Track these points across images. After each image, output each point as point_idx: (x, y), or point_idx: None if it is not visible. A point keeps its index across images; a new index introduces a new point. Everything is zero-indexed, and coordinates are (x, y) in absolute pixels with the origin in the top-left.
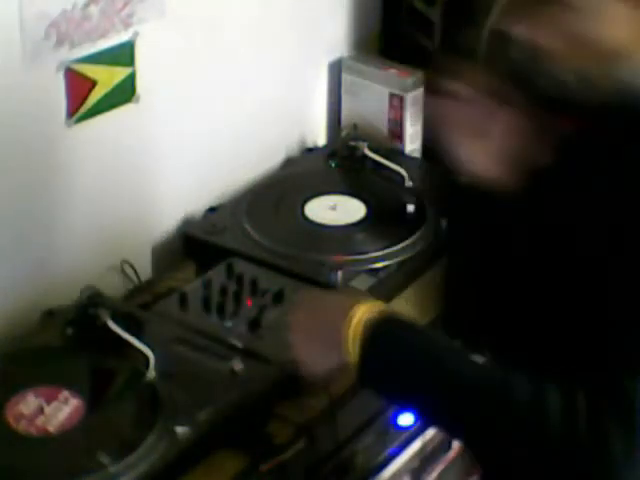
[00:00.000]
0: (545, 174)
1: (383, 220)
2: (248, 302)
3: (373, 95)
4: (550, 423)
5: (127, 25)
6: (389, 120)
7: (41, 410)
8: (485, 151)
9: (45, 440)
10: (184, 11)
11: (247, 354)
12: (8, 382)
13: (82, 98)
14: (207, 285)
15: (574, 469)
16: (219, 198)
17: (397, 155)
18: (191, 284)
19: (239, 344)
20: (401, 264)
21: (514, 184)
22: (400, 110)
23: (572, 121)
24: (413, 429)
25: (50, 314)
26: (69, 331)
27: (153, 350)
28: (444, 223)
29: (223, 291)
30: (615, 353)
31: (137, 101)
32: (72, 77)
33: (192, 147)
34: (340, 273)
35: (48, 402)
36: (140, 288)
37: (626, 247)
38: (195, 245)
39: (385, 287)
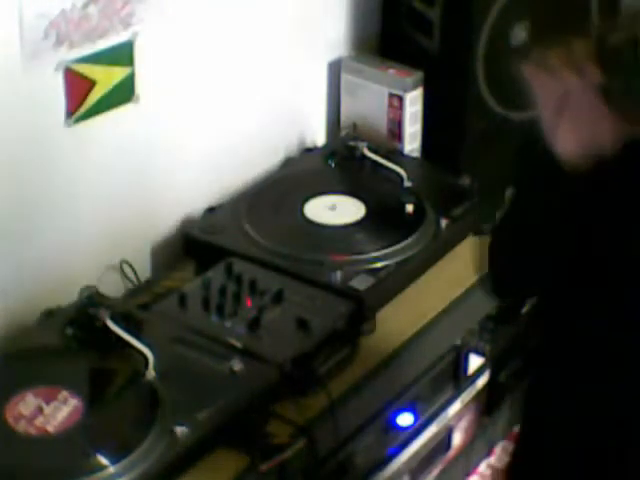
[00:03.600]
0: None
1: (382, 220)
2: (247, 302)
3: (372, 95)
4: None
5: (126, 25)
6: (388, 120)
7: (40, 410)
8: (579, 138)
9: (44, 440)
10: (184, 11)
11: (246, 354)
12: (8, 382)
13: (81, 98)
14: (206, 285)
15: None
16: (218, 198)
17: (396, 155)
18: (190, 284)
19: (238, 344)
20: (400, 264)
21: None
22: (399, 110)
23: None
24: (413, 429)
25: (49, 314)
26: (68, 331)
27: (152, 350)
28: (443, 223)
29: (222, 291)
30: None
31: (136, 101)
32: (71, 77)
33: (191, 147)
34: (339, 273)
35: (47, 402)
36: (139, 288)
37: None
38: (194, 245)
39: (384, 287)
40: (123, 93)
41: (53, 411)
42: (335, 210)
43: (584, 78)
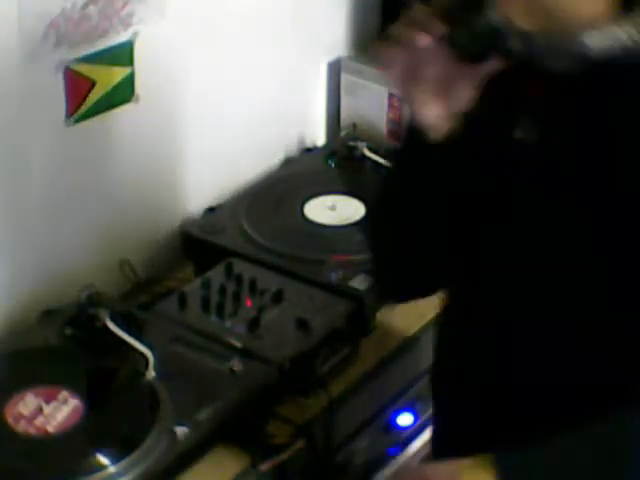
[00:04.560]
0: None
1: None
2: (247, 302)
3: (372, 95)
4: None
5: (126, 25)
6: (388, 120)
7: (40, 410)
8: (443, 105)
9: (44, 440)
10: (184, 11)
11: (246, 354)
12: (7, 382)
13: (81, 98)
14: (206, 285)
15: None
16: (218, 198)
17: None
18: (190, 284)
19: (238, 344)
20: None
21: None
22: (399, 110)
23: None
24: (412, 429)
25: (49, 314)
26: (68, 331)
27: (152, 350)
28: None
29: (222, 291)
30: None
31: (136, 101)
32: (71, 77)
33: (191, 147)
34: (339, 273)
35: (47, 402)
36: (139, 288)
37: None
38: (194, 245)
39: None
40: (123, 93)
41: (53, 411)
42: (335, 210)
43: (428, 33)
